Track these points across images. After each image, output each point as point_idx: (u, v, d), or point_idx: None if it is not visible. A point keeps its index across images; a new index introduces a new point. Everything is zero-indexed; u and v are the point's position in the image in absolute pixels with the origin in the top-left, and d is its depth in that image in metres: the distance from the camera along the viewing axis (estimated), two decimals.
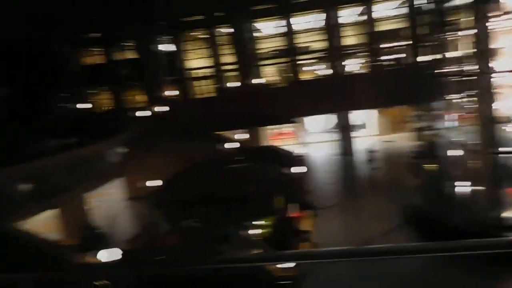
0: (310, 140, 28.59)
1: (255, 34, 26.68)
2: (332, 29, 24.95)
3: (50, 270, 8.70)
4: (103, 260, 10.47)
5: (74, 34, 25.47)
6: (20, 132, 19.02)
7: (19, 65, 23.02)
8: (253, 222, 14.54)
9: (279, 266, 9.94)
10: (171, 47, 26.38)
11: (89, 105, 26.46)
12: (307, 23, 26.58)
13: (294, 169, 19.24)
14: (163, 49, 26.15)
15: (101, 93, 27.58)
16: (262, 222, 14.25)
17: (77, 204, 17.91)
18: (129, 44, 26.75)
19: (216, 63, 26.32)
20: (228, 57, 26.40)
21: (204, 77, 26.98)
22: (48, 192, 16.28)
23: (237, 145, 22.20)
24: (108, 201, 19.96)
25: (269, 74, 27.66)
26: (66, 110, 24.98)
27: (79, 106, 25.46)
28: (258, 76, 26.22)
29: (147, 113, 23.43)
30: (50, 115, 23.05)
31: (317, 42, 26.25)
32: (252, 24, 26.15)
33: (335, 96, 23.79)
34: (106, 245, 13.14)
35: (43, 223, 16.13)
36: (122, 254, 10.46)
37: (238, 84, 26.01)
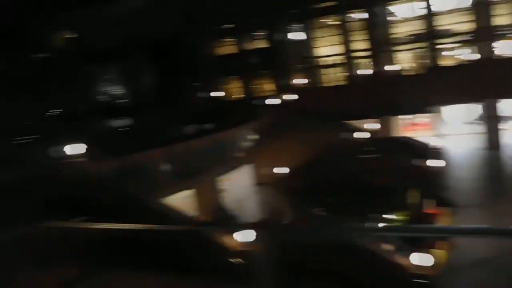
0: (449, 131, 26.13)
1: (389, 18, 25.19)
2: (480, 7, 22.31)
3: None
4: (238, 240, 10.78)
5: (209, 27, 26.84)
6: (163, 118, 20.75)
7: (162, 57, 25.10)
8: (384, 216, 13.72)
9: (415, 264, 9.23)
10: (301, 35, 26.27)
11: (223, 93, 27.80)
12: (450, 2, 24.18)
13: (430, 163, 17.80)
14: (292, 37, 26.17)
15: (233, 81, 28.73)
16: (394, 217, 13.36)
17: (210, 186, 18.88)
18: (260, 33, 27.33)
19: (347, 49, 25.52)
20: (359, 43, 25.38)
21: (334, 65, 26.39)
22: (185, 174, 17.42)
23: (367, 134, 21.31)
24: (237, 186, 20.70)
25: (404, 60, 25.91)
26: (202, 98, 26.59)
27: (213, 94, 26.91)
28: (392, 63, 24.74)
29: (277, 101, 23.71)
30: (188, 103, 24.77)
31: (462, 24, 23.74)
32: (387, 7, 24.70)
33: (481, 83, 21.30)
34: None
35: (181, 202, 17.33)
36: (255, 236, 10.63)
37: (370, 71, 24.87)
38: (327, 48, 26.47)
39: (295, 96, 24.21)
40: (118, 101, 25.68)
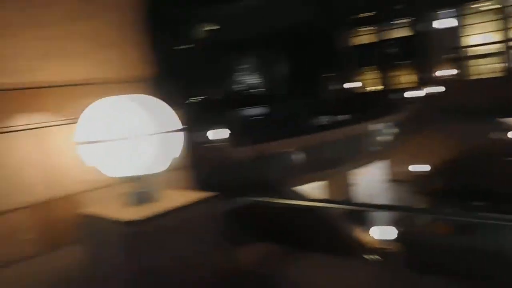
0: None
1: None
2: None
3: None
4: (375, 237, 10.38)
5: (346, 15, 26.17)
6: (298, 108, 20.90)
7: (298, 47, 25.18)
8: None
9: None
10: (450, 22, 24.13)
11: (359, 85, 26.97)
12: None
13: None
14: (439, 25, 24.17)
15: (371, 72, 27.66)
16: None
17: (342, 180, 18.50)
18: (402, 21, 25.80)
19: (504, 38, 22.76)
20: None
21: (487, 55, 23.75)
22: (317, 165, 17.31)
23: None
24: (370, 181, 20.00)
25: None
26: (338, 89, 26.12)
27: (349, 85, 26.26)
28: None
29: (419, 93, 22.18)
30: (323, 93, 24.54)
31: None
32: None
33: None
34: (370, 223, 13.10)
35: (311, 193, 17.27)
36: (398, 235, 10.13)
37: None
38: (479, 36, 23.90)
39: (441, 89, 22.36)
40: (254, 90, 26.56)
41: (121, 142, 1.73)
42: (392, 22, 26.13)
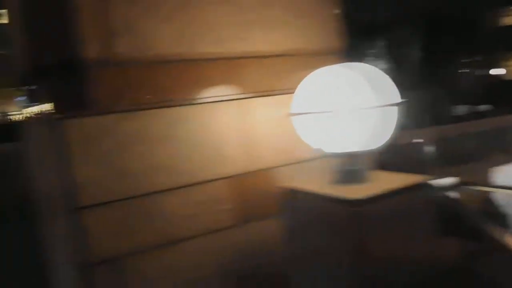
0: None
1: None
2: None
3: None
4: None
5: None
6: (433, 96, 19.46)
7: (435, 29, 23.34)
8: None
9: None
10: None
11: (505, 71, 24.20)
12: None
13: None
14: None
15: None
16: None
17: (481, 176, 16.92)
18: None
19: None
20: None
21: None
22: (453, 159, 16.02)
23: None
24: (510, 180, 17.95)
25: None
26: (480, 76, 23.78)
27: (493, 71, 23.69)
28: None
29: None
30: (462, 80, 22.51)
31: None
32: None
33: None
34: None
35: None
36: None
37: None
38: None
39: None
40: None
41: (341, 115, 1.59)
42: None
